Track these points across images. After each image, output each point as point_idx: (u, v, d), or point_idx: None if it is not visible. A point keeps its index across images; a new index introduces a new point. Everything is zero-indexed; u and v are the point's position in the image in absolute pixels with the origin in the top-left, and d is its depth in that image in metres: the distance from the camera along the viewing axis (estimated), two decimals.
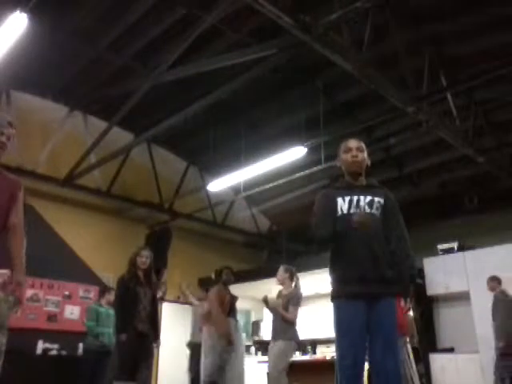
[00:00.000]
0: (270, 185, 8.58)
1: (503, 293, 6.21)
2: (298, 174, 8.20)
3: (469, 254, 8.31)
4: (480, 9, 5.85)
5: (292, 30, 4.71)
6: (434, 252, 8.84)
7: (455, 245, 8.63)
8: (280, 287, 5.42)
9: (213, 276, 5.25)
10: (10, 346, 5.67)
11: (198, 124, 8.28)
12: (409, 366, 8.45)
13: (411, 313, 8.73)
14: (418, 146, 8.44)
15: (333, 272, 2.55)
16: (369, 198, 2.55)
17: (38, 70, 7.12)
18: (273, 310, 5.20)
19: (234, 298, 5.06)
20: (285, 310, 5.03)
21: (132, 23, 6.42)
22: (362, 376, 2.38)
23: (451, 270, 8.15)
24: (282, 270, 5.40)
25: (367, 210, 2.52)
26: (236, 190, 9.74)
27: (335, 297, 2.51)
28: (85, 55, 7.06)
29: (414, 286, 2.57)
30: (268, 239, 11.75)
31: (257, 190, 8.88)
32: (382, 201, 2.57)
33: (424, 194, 9.78)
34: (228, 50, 6.12)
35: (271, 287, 9.39)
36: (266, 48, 5.50)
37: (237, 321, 4.98)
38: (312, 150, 7.49)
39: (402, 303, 2.61)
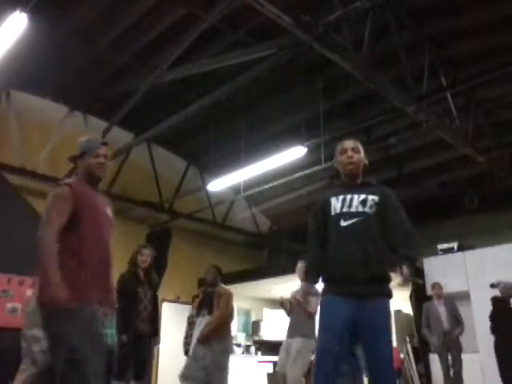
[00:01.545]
0: (270, 185, 8.58)
1: (448, 298, 6.58)
2: (297, 174, 8.20)
3: (469, 253, 8.32)
4: (480, 9, 5.86)
5: (292, 30, 4.71)
6: (434, 252, 8.85)
7: (455, 245, 8.65)
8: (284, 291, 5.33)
9: None
10: (10, 346, 5.65)
11: (197, 124, 8.29)
12: (409, 366, 8.48)
13: (411, 312, 8.76)
14: (418, 146, 8.44)
15: (325, 271, 2.56)
16: (362, 196, 2.53)
17: (38, 70, 7.11)
18: (291, 303, 5.10)
19: (208, 295, 4.89)
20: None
21: (132, 23, 6.42)
22: (333, 373, 2.34)
23: (451, 270, 8.15)
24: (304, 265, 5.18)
25: (360, 208, 2.50)
26: (236, 190, 9.74)
27: (323, 293, 2.55)
28: (85, 55, 7.06)
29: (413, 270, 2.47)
30: (268, 239, 11.75)
31: (257, 189, 8.88)
32: (376, 198, 2.54)
33: (424, 194, 9.78)
34: (228, 50, 6.12)
35: (271, 287, 9.44)
36: (266, 48, 5.50)
37: (204, 317, 4.77)
38: (312, 150, 7.49)
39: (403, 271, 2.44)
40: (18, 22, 4.72)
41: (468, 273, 8.07)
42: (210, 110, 7.52)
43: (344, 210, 2.51)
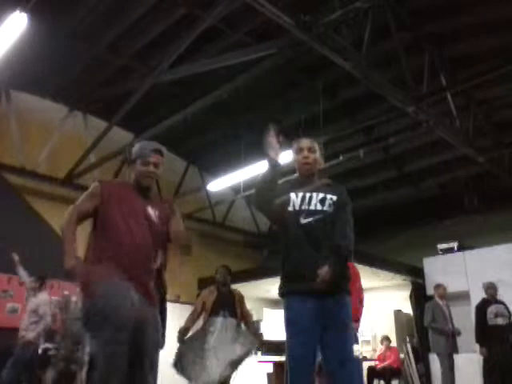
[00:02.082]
0: None
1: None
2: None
3: (469, 253, 8.32)
4: (480, 9, 5.86)
5: (292, 30, 4.71)
6: (434, 252, 8.86)
7: (455, 245, 8.66)
8: None
9: None
10: (10, 346, 5.67)
11: (197, 124, 8.28)
12: (409, 366, 8.48)
13: (411, 312, 8.75)
14: (418, 146, 8.44)
15: (283, 268, 2.49)
16: (321, 195, 2.53)
17: (38, 70, 7.11)
18: None
19: (226, 296, 4.95)
20: None
21: (132, 23, 6.42)
22: (311, 377, 2.31)
23: (451, 270, 8.15)
24: None
25: (319, 207, 2.50)
26: (236, 190, 9.74)
27: (285, 294, 2.45)
28: (85, 55, 7.06)
29: (342, 262, 2.38)
30: (268, 239, 11.75)
31: None
32: (334, 198, 2.54)
33: (424, 194, 9.78)
34: (228, 50, 6.12)
35: (271, 287, 9.42)
36: (266, 48, 5.50)
37: (227, 318, 4.82)
38: None
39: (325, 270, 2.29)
40: (18, 22, 4.72)
41: (468, 273, 8.07)
42: (210, 110, 7.52)
43: (303, 207, 2.50)
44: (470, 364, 6.31)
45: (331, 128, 7.58)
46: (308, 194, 2.54)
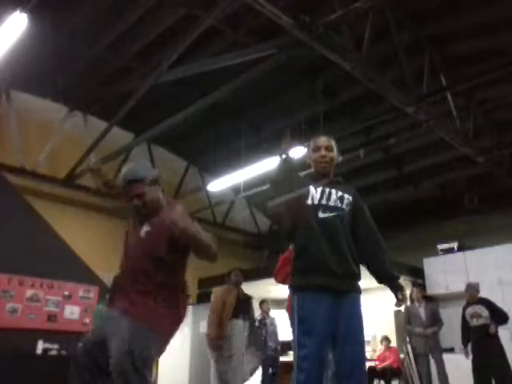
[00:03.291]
0: None
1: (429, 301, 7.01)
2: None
3: (469, 253, 8.32)
4: (480, 9, 5.86)
5: (292, 30, 4.71)
6: (434, 252, 8.86)
7: (455, 245, 8.66)
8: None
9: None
10: (10, 346, 5.68)
11: (198, 124, 8.29)
12: (409, 366, 8.48)
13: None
14: (418, 146, 8.44)
15: (297, 260, 2.43)
16: (340, 193, 2.53)
17: (38, 70, 7.11)
18: None
19: (244, 299, 4.99)
20: None
21: (132, 23, 6.42)
22: (323, 378, 2.27)
23: (451, 270, 8.16)
24: None
25: (338, 204, 2.49)
26: (236, 190, 9.74)
27: (300, 287, 2.38)
28: (84, 55, 7.06)
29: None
30: (268, 239, 11.75)
31: (257, 190, 8.88)
32: (350, 198, 2.54)
33: (424, 194, 9.78)
34: (228, 50, 6.12)
35: (271, 287, 9.42)
36: (266, 48, 5.50)
37: (246, 321, 4.87)
38: None
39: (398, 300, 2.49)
40: (18, 22, 4.72)
41: (468, 273, 8.07)
42: (210, 110, 7.52)
43: (323, 202, 2.47)
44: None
45: (331, 128, 7.57)
46: (327, 189, 2.52)
